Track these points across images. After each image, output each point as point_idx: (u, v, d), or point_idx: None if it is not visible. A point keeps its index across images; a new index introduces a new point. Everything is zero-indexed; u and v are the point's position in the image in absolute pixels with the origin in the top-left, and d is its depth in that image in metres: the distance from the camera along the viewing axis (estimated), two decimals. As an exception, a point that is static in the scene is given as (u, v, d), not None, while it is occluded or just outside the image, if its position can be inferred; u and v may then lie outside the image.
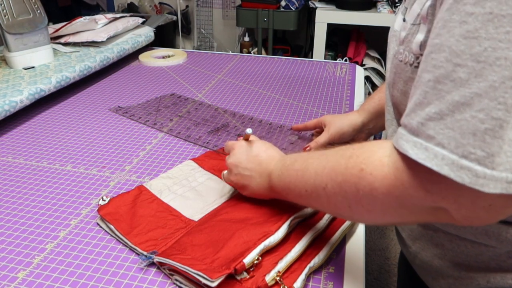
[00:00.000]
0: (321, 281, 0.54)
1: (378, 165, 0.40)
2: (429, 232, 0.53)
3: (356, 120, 0.75)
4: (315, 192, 0.48)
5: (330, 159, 0.47)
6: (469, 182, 0.32)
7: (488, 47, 0.32)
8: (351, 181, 0.43)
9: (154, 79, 1.22)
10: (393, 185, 0.39)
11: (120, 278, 0.54)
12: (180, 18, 2.86)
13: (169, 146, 0.86)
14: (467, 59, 0.33)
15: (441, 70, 0.34)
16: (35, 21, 1.10)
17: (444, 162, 0.33)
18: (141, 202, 0.64)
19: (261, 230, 0.55)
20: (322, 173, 0.47)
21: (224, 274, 0.48)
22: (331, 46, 2.49)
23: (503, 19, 0.31)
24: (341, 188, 0.44)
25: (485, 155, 0.32)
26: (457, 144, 0.33)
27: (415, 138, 0.36)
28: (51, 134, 0.91)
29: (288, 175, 0.53)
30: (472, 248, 0.48)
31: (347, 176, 0.43)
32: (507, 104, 0.31)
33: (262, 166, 0.58)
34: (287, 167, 0.54)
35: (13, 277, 0.54)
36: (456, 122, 0.33)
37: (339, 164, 0.45)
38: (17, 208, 0.67)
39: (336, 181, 0.45)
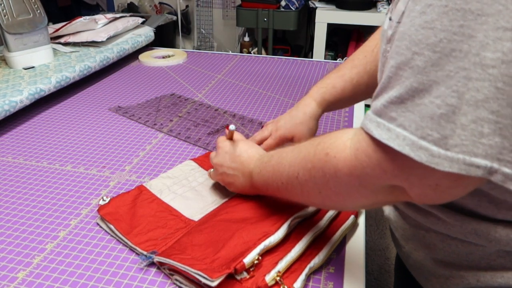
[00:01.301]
0: (321, 281, 0.54)
1: (341, 148, 0.43)
2: (421, 232, 0.53)
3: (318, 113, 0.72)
4: (290, 183, 0.51)
5: (301, 149, 0.50)
6: (426, 161, 0.35)
7: (443, 39, 0.33)
8: (319, 166, 0.46)
9: (154, 79, 1.22)
10: (354, 166, 0.41)
11: (120, 278, 0.54)
12: (180, 18, 2.86)
13: (169, 146, 0.86)
14: (424, 48, 0.35)
15: (402, 57, 0.36)
16: (35, 21, 1.10)
17: (405, 142, 0.36)
18: (141, 202, 0.64)
19: (261, 230, 0.55)
20: (295, 164, 0.50)
21: (224, 274, 0.48)
22: (331, 46, 2.49)
23: (457, 12, 0.33)
24: (311, 174, 0.47)
25: (440, 137, 0.34)
26: (417, 127, 0.35)
27: (378, 118, 0.38)
28: (51, 134, 0.91)
29: (266, 172, 0.56)
30: (463, 247, 0.49)
31: (315, 162, 0.46)
32: (459, 92, 0.33)
33: (244, 166, 0.62)
34: (265, 164, 0.57)
35: (13, 277, 0.54)
36: (416, 106, 0.35)
37: (309, 152, 0.48)
38: (17, 208, 0.67)
39: (306, 168, 0.48)
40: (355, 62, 0.72)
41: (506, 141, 0.33)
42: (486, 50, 0.32)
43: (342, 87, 0.71)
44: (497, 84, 0.32)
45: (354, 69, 0.71)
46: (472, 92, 0.33)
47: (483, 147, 0.33)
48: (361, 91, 0.71)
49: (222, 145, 0.66)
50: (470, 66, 0.33)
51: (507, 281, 0.47)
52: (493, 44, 0.32)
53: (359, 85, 0.70)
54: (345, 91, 0.71)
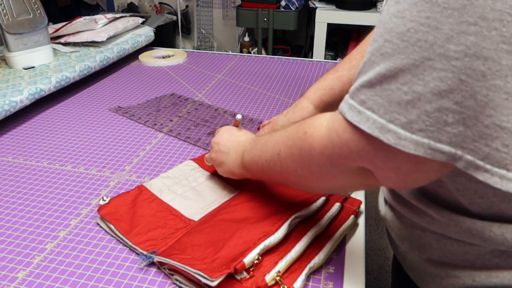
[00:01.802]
0: (321, 281, 0.54)
1: (318, 127, 0.45)
2: (416, 232, 0.54)
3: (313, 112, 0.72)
4: (272, 161, 0.53)
5: (287, 129, 0.52)
6: (393, 143, 0.36)
7: (411, 28, 0.35)
8: (297, 144, 0.48)
9: (154, 79, 1.22)
10: (325, 145, 0.43)
11: (120, 278, 0.54)
12: (180, 18, 2.86)
13: (169, 146, 0.86)
14: (394, 36, 0.36)
15: (375, 44, 0.38)
16: (35, 21, 1.10)
17: (375, 125, 0.37)
18: (141, 202, 0.64)
19: (261, 230, 0.55)
20: (279, 141, 0.52)
21: (224, 274, 0.48)
22: (331, 46, 2.49)
23: (425, 4, 0.34)
24: (290, 151, 0.49)
25: (407, 121, 0.36)
26: (385, 111, 0.37)
27: (351, 101, 0.40)
28: (51, 134, 0.91)
29: (255, 148, 0.58)
30: (458, 247, 0.49)
31: (295, 139, 0.48)
32: (425, 80, 0.35)
33: (240, 144, 0.63)
34: (256, 142, 0.59)
35: (13, 277, 0.54)
36: (384, 91, 0.37)
37: (292, 131, 0.50)
38: (17, 208, 0.67)
39: (287, 145, 0.50)
40: (353, 63, 0.72)
41: (469, 131, 0.35)
42: (450, 43, 0.33)
43: (340, 88, 0.71)
44: (460, 76, 0.33)
45: (352, 70, 0.71)
46: (436, 82, 0.34)
47: (447, 134, 0.35)
48: None
49: (224, 127, 0.68)
50: (435, 56, 0.34)
51: (502, 280, 0.47)
52: (457, 37, 0.33)
53: None
54: (343, 92, 0.70)
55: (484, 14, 0.32)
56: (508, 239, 0.45)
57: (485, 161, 0.36)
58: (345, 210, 0.63)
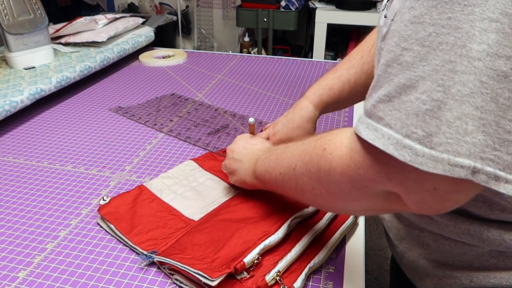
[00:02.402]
0: (321, 281, 0.54)
1: (338, 145, 0.42)
2: (415, 232, 0.54)
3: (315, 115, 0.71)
4: (287, 174, 0.51)
5: (304, 142, 0.50)
6: (409, 160, 0.33)
7: (432, 32, 0.33)
8: (315, 160, 0.45)
9: (154, 79, 1.23)
10: (347, 165, 0.40)
11: (120, 278, 0.54)
12: (180, 18, 2.86)
13: (169, 146, 0.86)
14: (413, 43, 0.34)
15: (391, 54, 0.36)
16: (36, 21, 1.11)
17: (390, 141, 0.35)
18: (142, 202, 0.64)
19: (261, 230, 0.55)
20: (295, 155, 0.50)
21: (224, 274, 0.48)
22: (331, 46, 2.49)
23: (445, 5, 0.32)
24: (307, 168, 0.46)
25: (425, 134, 0.33)
26: (402, 125, 0.34)
27: (368, 119, 0.37)
28: (51, 134, 0.91)
29: (269, 159, 0.56)
30: (456, 247, 0.49)
31: (312, 155, 0.46)
32: (445, 86, 0.32)
33: (254, 153, 0.62)
34: (270, 152, 0.57)
35: (13, 277, 0.54)
36: (403, 103, 0.34)
37: (309, 145, 0.47)
38: (17, 208, 0.67)
39: (304, 160, 0.47)
40: (352, 63, 0.71)
41: (489, 139, 0.32)
42: (472, 42, 0.31)
43: (339, 88, 0.70)
44: (481, 78, 0.31)
45: (351, 70, 0.70)
46: (458, 86, 0.32)
47: (466, 145, 0.32)
48: (359, 92, 0.70)
49: (240, 136, 0.67)
50: (456, 58, 0.32)
51: (500, 281, 0.47)
52: (479, 35, 0.31)
53: (357, 85, 0.69)
54: (343, 92, 0.70)
55: (505, 10, 0.30)
56: (506, 240, 0.45)
57: (506, 171, 0.32)
58: (345, 210, 0.63)
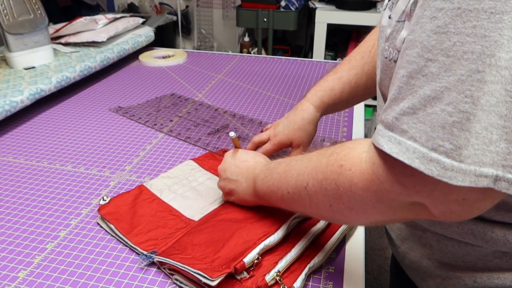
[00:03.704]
0: (321, 281, 0.54)
1: (356, 160, 0.41)
2: (417, 232, 0.53)
3: (316, 117, 0.71)
4: (297, 193, 0.49)
5: (312, 158, 0.48)
6: (437, 175, 0.33)
7: (457, 42, 0.32)
8: (331, 178, 0.43)
9: (154, 79, 1.23)
10: (370, 180, 0.39)
11: (120, 278, 0.54)
12: (180, 18, 2.86)
13: (169, 146, 0.86)
14: (438, 53, 0.33)
15: (414, 66, 0.35)
16: (36, 21, 1.11)
17: (415, 155, 0.34)
18: (142, 202, 0.64)
19: (261, 230, 0.55)
20: (304, 173, 0.47)
21: (224, 273, 0.48)
22: (331, 46, 2.49)
23: (470, 13, 0.32)
24: (322, 186, 0.45)
25: (453, 147, 0.32)
26: (427, 138, 0.33)
27: (390, 133, 0.36)
28: (51, 134, 0.91)
29: (271, 178, 0.54)
30: (459, 248, 0.49)
31: (327, 173, 0.44)
32: (473, 97, 0.32)
33: (249, 171, 0.59)
34: (271, 171, 0.55)
35: (13, 277, 0.54)
36: (427, 116, 0.34)
37: (320, 162, 0.45)
38: (17, 208, 0.67)
39: (317, 179, 0.45)
40: (353, 63, 0.71)
41: (511, 146, 0.32)
42: (501, 51, 0.31)
43: (340, 89, 0.70)
44: (506, 87, 0.31)
45: (352, 71, 0.70)
46: (487, 97, 0.31)
47: (490, 155, 0.32)
48: (360, 93, 0.70)
49: (228, 153, 0.65)
50: (484, 68, 0.31)
51: (503, 282, 0.47)
52: (507, 44, 0.30)
53: (358, 86, 0.70)
54: (344, 93, 0.70)
55: None
56: (510, 241, 0.45)
57: None
58: (344, 210, 0.63)
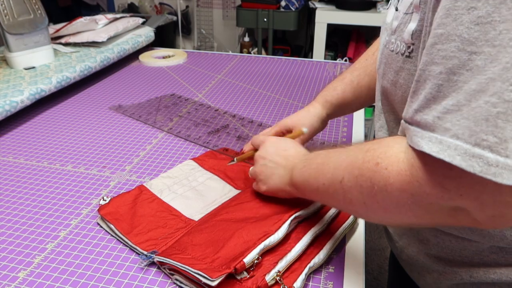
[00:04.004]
0: (321, 281, 0.54)
1: (394, 160, 0.39)
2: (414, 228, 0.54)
3: (322, 113, 0.73)
4: (332, 186, 0.48)
5: (349, 153, 0.46)
6: (480, 171, 0.31)
7: (503, 30, 0.31)
8: (367, 175, 0.42)
9: (154, 79, 1.23)
10: (408, 182, 0.38)
11: (120, 278, 0.54)
12: (180, 18, 2.86)
13: (169, 146, 0.86)
14: (483, 45, 0.31)
15: (454, 61, 0.33)
16: (36, 21, 1.11)
17: (457, 152, 0.32)
18: (142, 202, 0.65)
19: (261, 230, 0.55)
20: (340, 166, 0.46)
21: (224, 274, 0.48)
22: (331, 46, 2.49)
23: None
24: (357, 182, 0.43)
25: (498, 141, 0.30)
26: (470, 133, 0.31)
27: (430, 133, 0.35)
28: (51, 134, 0.91)
29: (309, 168, 0.53)
30: (456, 243, 0.49)
31: (363, 170, 0.42)
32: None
33: (289, 160, 0.58)
34: (309, 161, 0.54)
35: (13, 277, 0.54)
36: (472, 110, 0.32)
37: (357, 158, 0.44)
38: (17, 208, 0.67)
39: (353, 174, 0.44)
40: (356, 66, 0.73)
41: None
42: None
43: (342, 89, 0.72)
44: None
45: (354, 72, 0.72)
46: None
47: None
48: (363, 93, 0.72)
49: (269, 139, 0.64)
50: None
51: (499, 277, 0.47)
52: None
53: (360, 86, 0.71)
54: (346, 92, 0.72)
55: None
56: (507, 236, 0.45)
57: None
58: (345, 210, 0.63)
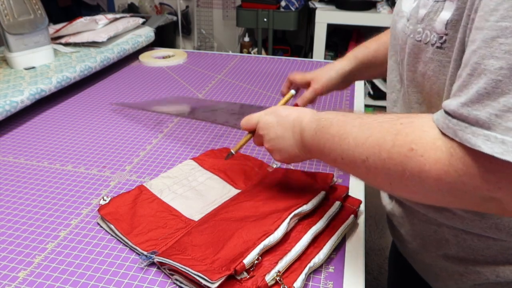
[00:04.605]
0: (321, 281, 0.54)
1: (430, 147, 0.38)
2: (431, 227, 0.52)
3: (345, 67, 0.72)
4: (353, 163, 0.46)
5: (373, 132, 0.43)
6: None
7: None
8: (398, 160, 0.40)
9: (154, 79, 1.23)
10: (446, 171, 0.36)
11: (120, 278, 0.54)
12: (180, 19, 2.86)
13: (169, 146, 0.86)
14: None
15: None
16: (36, 21, 1.11)
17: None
18: (142, 202, 0.65)
19: (261, 229, 0.55)
20: (363, 145, 0.44)
21: (224, 276, 0.48)
22: (331, 46, 2.49)
23: None
24: (384, 165, 0.41)
25: None
26: None
27: (486, 131, 0.33)
28: (51, 134, 0.91)
29: (323, 138, 0.50)
30: (479, 242, 0.48)
31: (393, 154, 0.40)
32: None
33: (295, 124, 0.55)
34: (322, 130, 0.50)
35: (14, 277, 0.54)
36: None
37: (385, 140, 0.41)
38: (17, 208, 0.67)
39: (379, 157, 0.42)
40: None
41: None
42: None
43: (375, 48, 0.71)
44: None
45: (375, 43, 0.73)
46: None
47: None
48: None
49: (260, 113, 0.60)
50: None
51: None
52: None
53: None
54: (378, 52, 0.71)
55: None
56: None
57: None
58: (345, 210, 0.63)
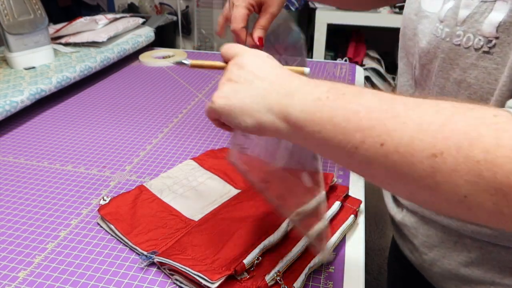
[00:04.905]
0: (321, 281, 0.54)
1: None
2: (451, 238, 0.50)
3: None
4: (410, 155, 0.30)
5: (452, 118, 0.30)
6: None
7: None
8: (506, 167, 0.28)
9: (154, 79, 1.23)
10: None
11: (120, 278, 0.54)
12: (180, 19, 2.86)
13: (170, 146, 0.86)
14: None
15: None
16: (36, 21, 1.11)
17: None
18: (142, 202, 0.65)
19: (261, 229, 0.55)
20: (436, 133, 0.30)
21: (224, 276, 0.48)
22: (331, 46, 2.49)
23: None
24: (474, 169, 0.29)
25: None
26: None
27: None
28: (51, 134, 0.91)
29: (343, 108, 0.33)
30: (507, 254, 0.45)
31: (498, 158, 0.28)
32: None
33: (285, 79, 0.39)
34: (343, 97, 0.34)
35: (13, 277, 0.54)
36: None
37: (479, 133, 0.29)
38: (17, 208, 0.67)
39: (468, 155, 0.29)
40: None
41: None
42: None
43: None
44: None
45: None
46: None
47: None
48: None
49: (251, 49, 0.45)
50: None
51: None
52: None
53: None
54: None
55: None
56: None
57: None
58: (345, 210, 0.63)
